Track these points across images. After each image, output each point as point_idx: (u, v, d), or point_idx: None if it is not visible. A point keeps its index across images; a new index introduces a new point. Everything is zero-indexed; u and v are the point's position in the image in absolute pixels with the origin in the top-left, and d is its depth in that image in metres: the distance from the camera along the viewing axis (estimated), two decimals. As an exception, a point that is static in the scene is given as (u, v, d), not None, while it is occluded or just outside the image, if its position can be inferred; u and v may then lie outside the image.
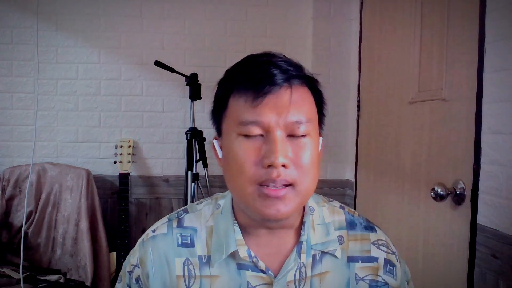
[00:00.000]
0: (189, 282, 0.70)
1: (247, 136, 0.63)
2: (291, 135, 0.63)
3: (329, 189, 2.35)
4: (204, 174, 2.18)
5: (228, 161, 0.66)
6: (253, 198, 0.63)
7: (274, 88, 0.63)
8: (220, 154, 0.71)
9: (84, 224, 2.13)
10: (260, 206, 0.62)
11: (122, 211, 2.12)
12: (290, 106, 0.63)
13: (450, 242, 1.35)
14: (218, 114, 0.70)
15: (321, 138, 0.72)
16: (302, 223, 0.72)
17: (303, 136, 0.64)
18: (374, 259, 0.73)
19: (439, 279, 1.40)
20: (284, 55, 0.68)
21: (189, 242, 0.72)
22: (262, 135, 0.63)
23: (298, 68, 0.67)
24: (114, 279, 2.18)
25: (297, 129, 0.63)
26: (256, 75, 0.63)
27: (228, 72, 0.69)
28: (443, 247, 1.39)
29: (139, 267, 0.73)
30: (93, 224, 2.18)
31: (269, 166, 0.61)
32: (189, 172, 2.08)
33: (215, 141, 0.72)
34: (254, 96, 0.63)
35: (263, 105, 0.62)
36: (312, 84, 0.69)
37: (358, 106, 2.15)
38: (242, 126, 0.63)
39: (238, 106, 0.64)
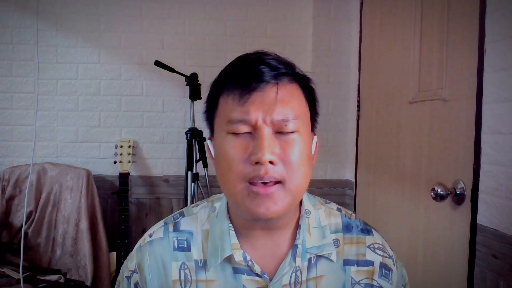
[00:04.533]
0: (185, 286, 0.70)
1: (235, 133, 0.63)
2: (279, 132, 0.63)
3: (329, 189, 2.35)
4: (204, 174, 2.18)
5: (218, 160, 0.66)
6: (242, 197, 0.62)
7: (261, 85, 0.63)
8: (213, 154, 0.71)
9: (84, 224, 2.13)
10: (250, 204, 0.62)
11: (122, 211, 2.12)
12: (276, 103, 0.62)
13: (450, 242, 1.35)
14: (210, 114, 0.70)
15: (315, 137, 0.72)
16: (298, 225, 0.71)
17: (291, 132, 0.63)
18: (370, 263, 0.73)
19: (439, 279, 1.40)
20: (276, 54, 0.67)
21: (185, 246, 0.72)
22: (250, 132, 0.63)
23: (289, 66, 0.67)
24: (114, 279, 2.18)
25: (284, 127, 0.63)
26: (244, 73, 0.64)
27: (220, 73, 0.69)
28: (443, 247, 1.39)
29: (137, 273, 0.72)
30: (93, 224, 2.18)
31: (257, 163, 0.61)
32: (189, 172, 2.08)
33: (209, 141, 0.73)
34: (241, 93, 0.63)
35: (249, 103, 0.62)
36: (303, 82, 0.68)
37: (358, 106, 2.15)
38: (230, 125, 0.63)
39: (227, 105, 0.65)
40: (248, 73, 0.63)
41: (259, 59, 0.65)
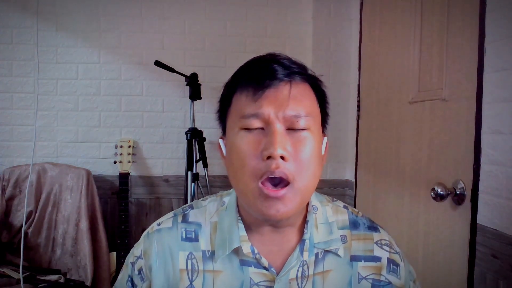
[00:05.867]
0: (192, 276, 0.71)
1: (248, 129, 0.64)
2: (291, 129, 0.64)
3: (329, 189, 2.35)
4: (204, 174, 2.18)
5: (230, 156, 0.67)
6: (254, 197, 0.63)
7: (274, 82, 0.64)
8: (225, 152, 0.72)
9: (84, 224, 2.13)
10: (261, 206, 0.63)
11: (122, 211, 2.12)
12: (289, 100, 0.64)
13: (450, 242, 1.35)
14: (223, 113, 0.71)
15: (325, 138, 0.73)
16: (305, 221, 0.72)
17: (303, 129, 0.64)
18: (377, 259, 0.73)
19: (439, 279, 1.40)
20: (288, 56, 0.69)
21: (193, 236, 0.73)
22: (262, 129, 0.64)
23: (301, 66, 0.69)
24: (114, 279, 2.18)
25: (296, 123, 0.64)
26: (258, 71, 0.65)
27: (234, 74, 0.71)
28: (443, 247, 1.39)
29: (142, 259, 0.74)
30: (93, 224, 2.18)
31: (268, 158, 0.61)
32: (189, 172, 2.08)
33: (220, 140, 0.74)
34: (255, 90, 0.64)
35: (263, 98, 0.64)
36: (314, 83, 0.70)
37: (358, 106, 2.15)
38: (243, 120, 0.65)
39: (240, 102, 0.66)
40: (261, 71, 0.65)
41: (272, 59, 0.67)
